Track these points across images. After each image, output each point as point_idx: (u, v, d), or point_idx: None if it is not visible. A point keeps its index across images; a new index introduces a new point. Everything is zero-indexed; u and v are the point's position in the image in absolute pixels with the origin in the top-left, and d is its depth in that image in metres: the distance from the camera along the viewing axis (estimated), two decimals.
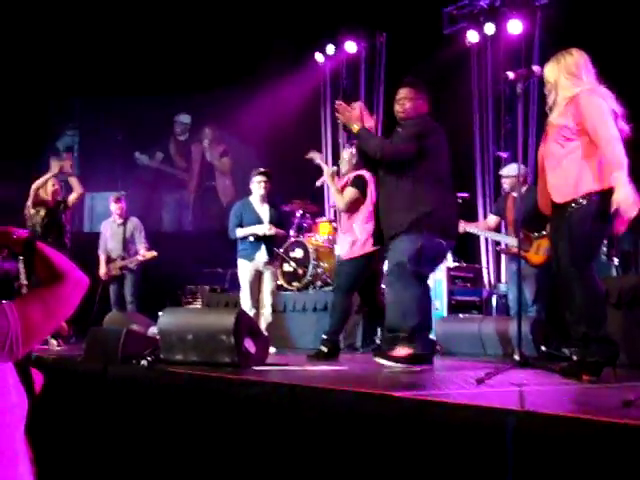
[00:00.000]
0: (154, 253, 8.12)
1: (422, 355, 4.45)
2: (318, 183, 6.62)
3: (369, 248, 5.69)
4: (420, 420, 2.71)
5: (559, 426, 2.28)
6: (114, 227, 8.32)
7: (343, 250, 5.96)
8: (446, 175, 4.76)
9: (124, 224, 8.27)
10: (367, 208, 5.75)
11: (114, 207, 8.33)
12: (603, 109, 3.86)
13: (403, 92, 4.84)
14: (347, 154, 6.06)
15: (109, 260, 8.16)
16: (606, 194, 3.83)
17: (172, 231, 13.17)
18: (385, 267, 5.13)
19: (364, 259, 5.74)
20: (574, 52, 4.05)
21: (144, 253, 8.09)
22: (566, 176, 3.93)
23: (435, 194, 4.63)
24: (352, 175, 5.93)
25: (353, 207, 5.81)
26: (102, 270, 8.08)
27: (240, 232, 6.74)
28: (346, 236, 5.89)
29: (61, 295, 1.91)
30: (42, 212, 7.22)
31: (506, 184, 6.75)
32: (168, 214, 13.53)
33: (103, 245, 8.28)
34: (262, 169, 6.89)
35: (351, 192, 5.82)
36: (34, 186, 7.28)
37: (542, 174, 4.14)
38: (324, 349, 5.69)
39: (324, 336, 5.78)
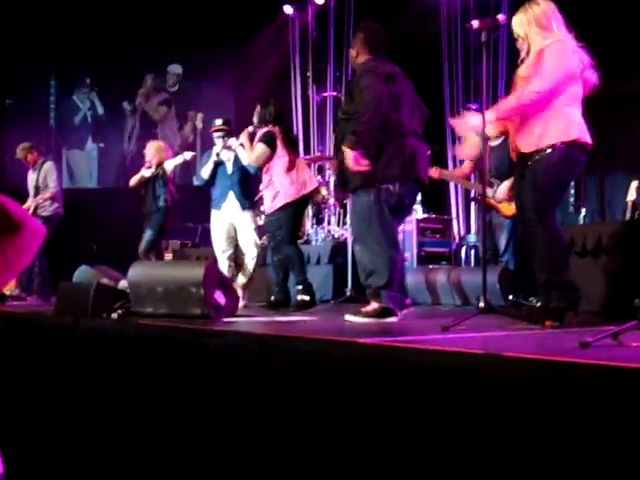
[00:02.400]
0: (47, 195, 8.03)
1: (388, 308, 4.47)
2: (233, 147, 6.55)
3: (292, 197, 5.91)
4: (386, 366, 2.75)
5: (519, 367, 2.33)
6: (31, 175, 8.31)
7: (267, 205, 6.10)
8: (408, 124, 4.62)
9: (38, 169, 8.22)
10: (282, 160, 5.98)
11: (23, 161, 8.35)
12: (563, 63, 3.88)
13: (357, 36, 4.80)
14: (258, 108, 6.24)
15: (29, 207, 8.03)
16: (570, 145, 3.88)
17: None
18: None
19: (292, 206, 5.92)
20: (541, 1, 4.05)
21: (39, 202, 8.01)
22: (531, 127, 3.97)
23: (391, 144, 4.50)
24: (261, 131, 6.11)
25: (263, 162, 6.02)
26: None
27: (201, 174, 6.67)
28: (268, 191, 6.06)
29: (19, 245, 1.90)
30: None
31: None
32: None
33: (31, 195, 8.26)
34: (218, 122, 6.69)
35: (260, 148, 6.04)
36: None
37: (511, 124, 4.18)
38: (305, 297, 5.78)
39: (299, 287, 5.86)
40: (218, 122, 6.65)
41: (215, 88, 12.28)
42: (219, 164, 6.52)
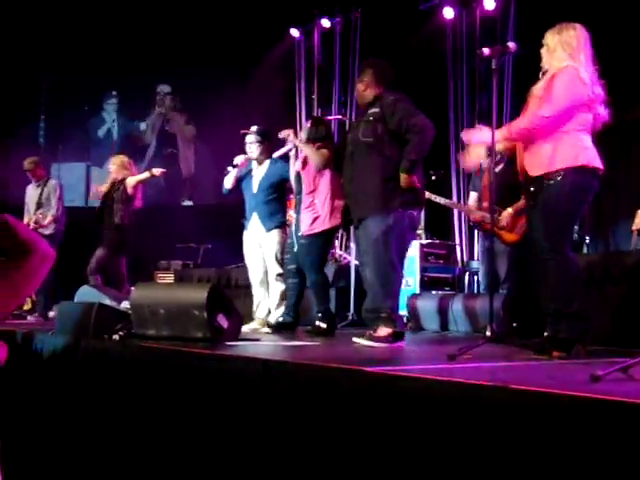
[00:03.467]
0: (49, 218, 7.93)
1: (400, 332, 4.59)
2: (275, 155, 6.44)
3: (330, 224, 5.77)
4: (392, 395, 2.72)
5: (528, 400, 2.30)
6: (32, 190, 8.23)
7: (303, 226, 5.91)
8: None
9: (42, 186, 8.16)
10: (328, 182, 5.78)
11: (29, 175, 8.26)
12: (568, 93, 3.87)
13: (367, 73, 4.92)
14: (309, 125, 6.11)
15: (28, 223, 7.92)
16: (580, 170, 3.86)
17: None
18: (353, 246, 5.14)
19: (326, 234, 5.82)
20: (578, 27, 4.03)
21: (37, 217, 7.91)
22: (540, 151, 3.94)
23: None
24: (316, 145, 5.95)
25: (324, 166, 5.80)
26: None
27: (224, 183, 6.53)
28: (307, 212, 5.89)
29: (28, 269, 1.87)
30: None
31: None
32: None
33: (26, 209, 8.19)
34: (253, 128, 6.49)
35: (324, 152, 5.82)
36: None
37: (519, 145, 4.16)
38: (323, 325, 5.71)
39: (319, 313, 5.80)
40: (253, 128, 6.47)
41: (220, 109, 12.30)
42: (242, 178, 6.43)
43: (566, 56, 3.95)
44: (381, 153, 4.69)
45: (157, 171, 7.47)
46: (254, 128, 6.45)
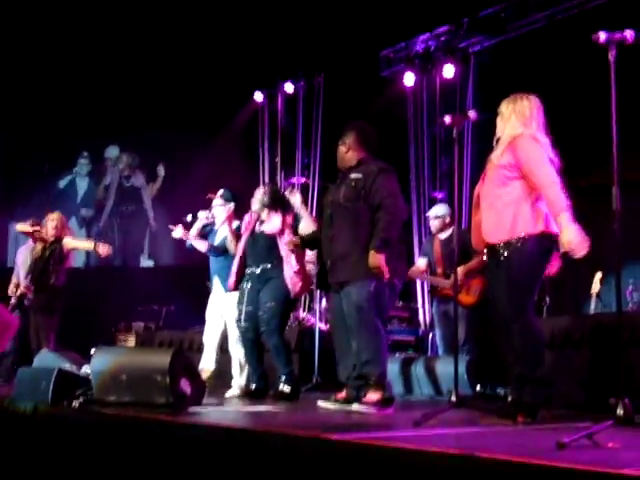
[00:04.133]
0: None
1: (390, 398, 4.58)
2: (189, 218, 6.53)
3: (301, 289, 5.83)
4: (360, 464, 2.70)
5: (495, 468, 2.30)
6: (25, 254, 7.84)
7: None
8: None
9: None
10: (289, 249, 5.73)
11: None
12: (541, 155, 3.96)
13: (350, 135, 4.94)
14: (259, 194, 6.09)
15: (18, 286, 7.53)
16: (540, 237, 3.93)
17: (100, 264, 12.99)
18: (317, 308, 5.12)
19: (292, 300, 5.89)
20: (532, 98, 4.15)
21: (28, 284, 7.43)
22: (501, 217, 4.01)
23: (399, 240, 4.78)
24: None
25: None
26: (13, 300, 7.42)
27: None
28: (289, 272, 5.84)
29: None
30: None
31: (433, 225, 6.85)
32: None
33: (15, 271, 7.87)
34: (220, 192, 6.54)
35: (276, 219, 5.87)
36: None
37: (477, 211, 4.22)
38: (286, 389, 5.63)
39: (282, 376, 5.72)
40: (219, 192, 6.51)
41: (183, 171, 12.35)
42: (206, 236, 6.46)
43: (519, 124, 4.05)
44: (362, 218, 4.67)
45: (103, 250, 7.08)
46: (220, 191, 6.50)
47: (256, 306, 5.85)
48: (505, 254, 3.95)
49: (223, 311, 6.30)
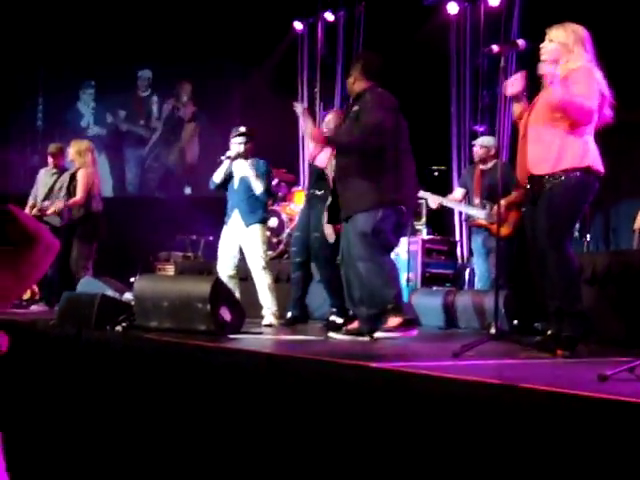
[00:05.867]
0: (54, 208, 7.58)
1: (412, 319, 4.63)
2: (223, 158, 6.46)
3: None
4: (397, 392, 2.72)
5: (538, 400, 2.30)
6: (47, 176, 7.95)
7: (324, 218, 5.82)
8: (406, 150, 4.82)
9: (58, 175, 7.94)
10: None
11: (50, 159, 7.93)
12: (594, 87, 3.87)
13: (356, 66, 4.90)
14: (330, 117, 6.02)
15: (33, 206, 7.72)
16: (585, 172, 3.88)
17: (138, 194, 13.07)
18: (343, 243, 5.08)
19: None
20: (583, 28, 4.03)
21: (43, 206, 7.62)
22: (548, 149, 3.93)
23: (396, 171, 4.69)
24: None
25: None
26: None
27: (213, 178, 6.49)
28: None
29: (32, 259, 1.88)
30: None
31: (477, 154, 6.79)
32: (131, 174, 13.34)
33: (34, 192, 7.94)
34: (242, 129, 6.50)
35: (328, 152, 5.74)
36: None
37: (523, 143, 4.14)
38: (339, 320, 5.63)
39: (334, 308, 5.76)
40: (241, 129, 6.49)
41: (222, 103, 12.28)
42: (230, 174, 6.42)
43: (581, 54, 3.93)
44: (362, 150, 4.68)
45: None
46: (242, 128, 6.49)
47: (306, 232, 5.91)
48: (548, 186, 3.91)
49: (243, 243, 6.28)
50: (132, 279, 7.35)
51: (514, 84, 4.07)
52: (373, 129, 4.63)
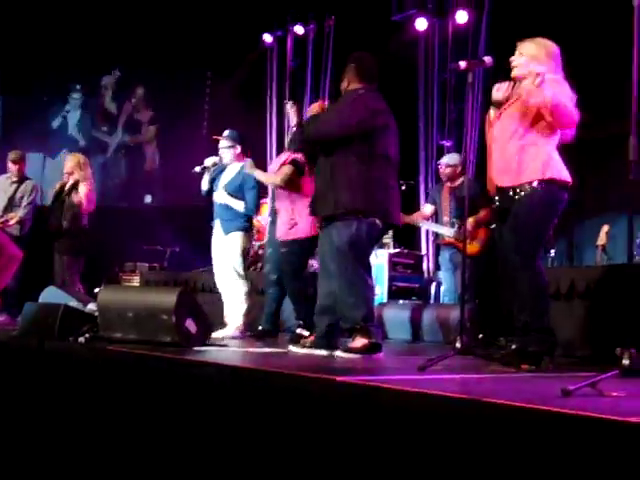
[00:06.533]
0: (15, 219, 7.57)
1: (377, 343, 4.44)
2: (197, 169, 6.46)
3: (310, 232, 5.63)
4: (363, 406, 2.72)
5: (501, 414, 2.31)
6: (6, 183, 7.88)
7: (280, 232, 5.84)
8: (394, 159, 4.67)
9: (18, 184, 7.87)
10: (304, 189, 5.71)
11: (11, 166, 7.90)
12: (567, 93, 3.90)
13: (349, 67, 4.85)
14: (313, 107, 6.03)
15: None
16: (549, 183, 3.89)
17: (104, 203, 12.93)
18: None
19: (308, 241, 5.68)
20: (552, 43, 4.06)
21: (8, 217, 7.57)
22: (511, 160, 3.95)
23: (378, 177, 4.53)
24: (291, 157, 5.91)
25: (286, 184, 5.77)
26: None
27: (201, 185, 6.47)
28: (284, 217, 5.82)
29: None
30: None
31: (444, 174, 6.82)
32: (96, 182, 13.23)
33: None
34: (226, 132, 6.44)
35: (288, 168, 5.80)
36: None
37: (491, 156, 4.17)
38: (305, 333, 5.57)
39: (299, 321, 5.75)
40: (225, 132, 6.43)
41: (189, 112, 12.24)
42: (214, 180, 6.36)
43: (549, 69, 3.96)
44: (347, 152, 4.52)
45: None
46: (226, 132, 6.43)
47: (277, 247, 5.89)
48: (515, 199, 3.92)
49: (222, 251, 6.24)
50: (96, 289, 7.28)
51: (501, 89, 4.09)
52: (331, 119, 4.59)
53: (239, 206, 6.15)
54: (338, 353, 4.43)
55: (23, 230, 7.74)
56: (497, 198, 4.10)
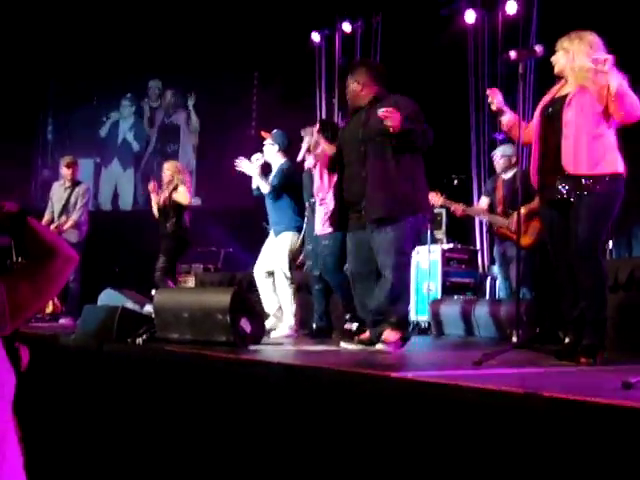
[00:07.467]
0: (69, 223, 7.82)
1: (408, 337, 4.60)
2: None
3: None
4: (418, 402, 2.70)
5: (562, 408, 2.27)
6: (60, 190, 8.09)
7: (317, 227, 5.83)
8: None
9: (71, 189, 8.05)
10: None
11: (64, 171, 8.10)
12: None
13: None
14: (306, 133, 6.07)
15: (49, 222, 7.88)
16: (618, 177, 3.81)
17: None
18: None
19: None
20: (593, 34, 3.95)
21: (61, 222, 7.84)
22: (586, 148, 3.82)
23: (420, 172, 4.67)
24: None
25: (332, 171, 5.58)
26: None
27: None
28: (320, 210, 5.78)
29: (51, 272, 1.88)
30: None
31: (498, 165, 6.76)
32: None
33: (49, 207, 8.08)
34: (274, 132, 6.53)
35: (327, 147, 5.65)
36: None
37: (536, 147, 4.08)
38: (353, 326, 5.54)
39: (347, 315, 5.71)
40: (273, 131, 6.50)
41: (237, 114, 12.31)
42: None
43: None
44: (395, 152, 4.56)
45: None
46: (274, 131, 6.48)
47: (314, 244, 5.89)
48: (585, 190, 3.80)
49: (272, 254, 6.30)
50: (153, 291, 7.38)
51: (492, 97, 4.18)
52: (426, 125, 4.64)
53: (263, 186, 6.23)
54: (378, 346, 4.48)
55: (80, 236, 7.87)
56: (561, 186, 3.94)
